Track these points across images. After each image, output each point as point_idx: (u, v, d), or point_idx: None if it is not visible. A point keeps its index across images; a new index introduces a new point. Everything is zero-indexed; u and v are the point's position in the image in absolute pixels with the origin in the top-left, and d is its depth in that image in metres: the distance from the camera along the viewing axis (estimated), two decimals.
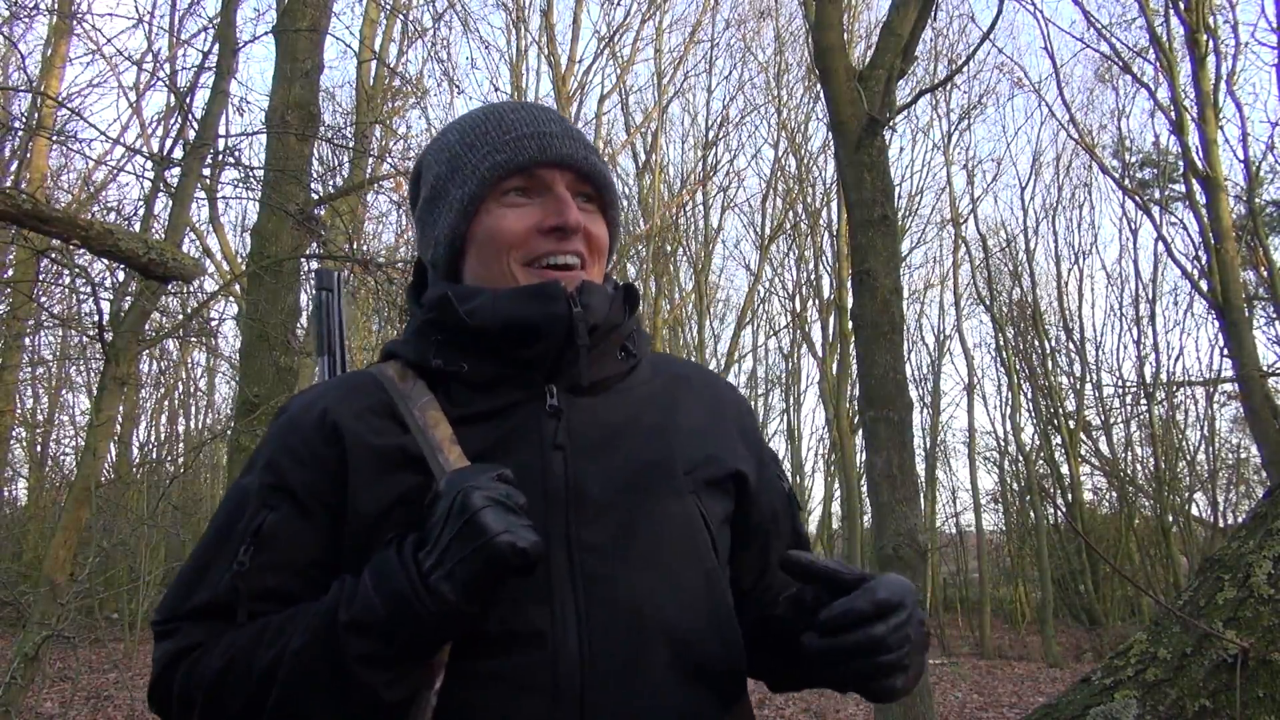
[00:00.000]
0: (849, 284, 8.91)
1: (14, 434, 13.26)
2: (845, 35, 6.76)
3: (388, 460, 1.01)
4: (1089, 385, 17.41)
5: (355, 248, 7.33)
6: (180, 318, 8.32)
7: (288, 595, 0.98)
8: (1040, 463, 17.42)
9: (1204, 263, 10.42)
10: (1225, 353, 10.98)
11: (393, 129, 10.52)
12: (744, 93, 18.89)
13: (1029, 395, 17.53)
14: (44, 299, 8.59)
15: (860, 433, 13.99)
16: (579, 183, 1.10)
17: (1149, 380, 16.53)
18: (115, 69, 10.10)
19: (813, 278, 18.17)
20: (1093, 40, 13.55)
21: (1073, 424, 16.81)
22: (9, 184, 8.50)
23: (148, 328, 5.85)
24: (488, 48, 23.77)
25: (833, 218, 16.84)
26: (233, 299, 9.72)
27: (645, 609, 0.99)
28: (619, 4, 15.91)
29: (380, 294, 6.63)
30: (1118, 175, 14.03)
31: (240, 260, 11.36)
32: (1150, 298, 16.87)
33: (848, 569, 0.97)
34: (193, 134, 5.91)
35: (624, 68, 17.16)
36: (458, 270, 1.12)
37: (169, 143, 7.88)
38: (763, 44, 20.49)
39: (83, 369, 13.51)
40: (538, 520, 0.92)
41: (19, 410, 13.50)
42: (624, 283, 1.14)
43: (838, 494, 18.34)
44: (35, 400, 15.61)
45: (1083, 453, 17.08)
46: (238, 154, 6.39)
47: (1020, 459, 17.53)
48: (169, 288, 5.41)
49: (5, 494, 15.66)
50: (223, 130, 6.48)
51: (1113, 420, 17.41)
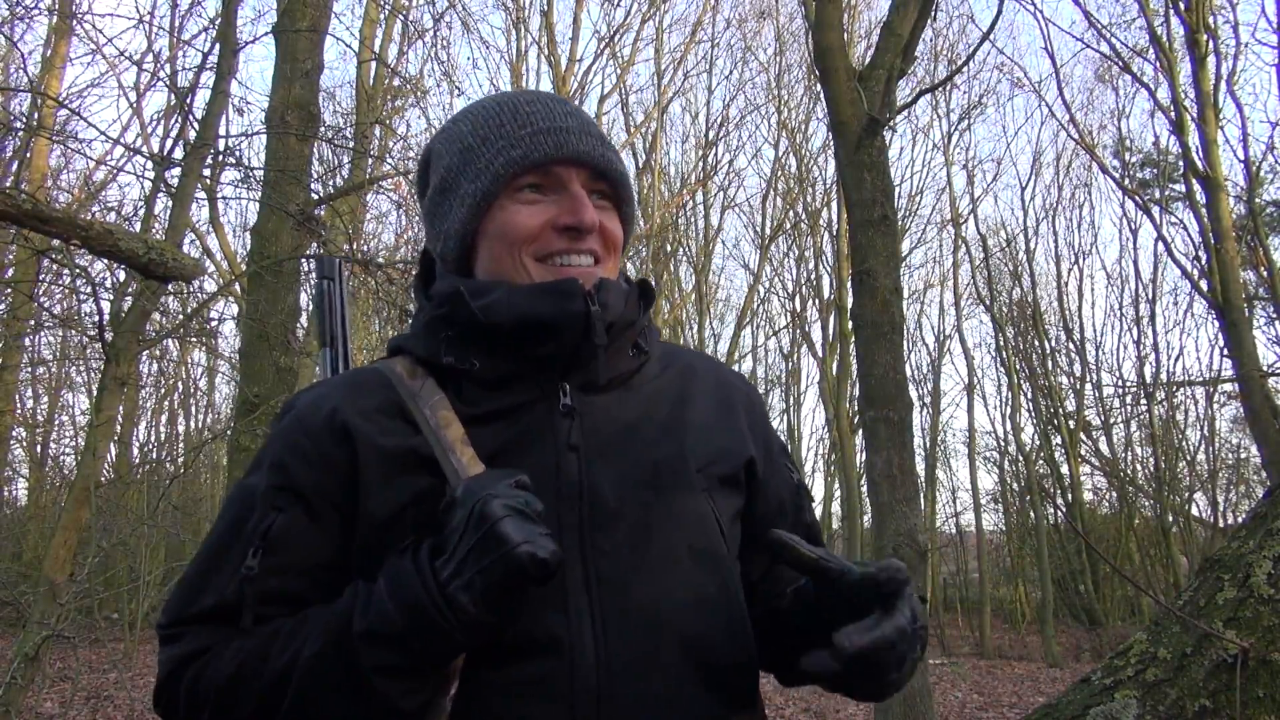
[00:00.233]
0: (849, 284, 8.91)
1: (14, 434, 13.27)
2: (845, 35, 6.76)
3: (400, 462, 0.99)
4: (1089, 385, 17.44)
5: (355, 248, 7.34)
6: (180, 318, 8.34)
7: (296, 598, 0.97)
8: (1040, 463, 17.41)
9: (1204, 263, 10.42)
10: (1225, 353, 10.97)
11: (393, 129, 10.48)
12: (744, 92, 18.98)
13: (1029, 395, 17.54)
14: (44, 299, 8.57)
15: (860, 433, 13.99)
16: (594, 180, 1.08)
17: (1149, 380, 16.54)
18: (115, 69, 10.06)
19: (813, 278, 18.20)
20: (1093, 40, 13.60)
21: (1073, 424, 16.81)
22: (9, 184, 8.50)
23: (148, 328, 5.84)
24: (488, 48, 23.86)
25: (833, 218, 16.83)
26: (233, 299, 9.74)
27: (660, 613, 0.98)
28: (619, 4, 15.88)
29: (380, 294, 6.63)
30: (1118, 175, 14.07)
31: (240, 260, 11.36)
32: (1150, 298, 16.92)
33: (834, 559, 0.95)
34: (193, 134, 5.91)
35: (624, 68, 17.15)
36: (468, 264, 1.09)
37: (169, 143, 7.88)
38: (763, 44, 20.60)
39: (83, 369, 13.49)
40: (551, 523, 0.91)
41: (19, 410, 13.50)
42: (639, 278, 1.12)
43: (838, 494, 18.34)
44: (35, 400, 15.66)
45: (1083, 453, 17.08)
46: (238, 154, 6.39)
47: (1020, 459, 17.52)
48: (169, 288, 5.42)
49: (5, 494, 15.68)
50: (223, 130, 6.47)
51: (1113, 420, 17.42)
